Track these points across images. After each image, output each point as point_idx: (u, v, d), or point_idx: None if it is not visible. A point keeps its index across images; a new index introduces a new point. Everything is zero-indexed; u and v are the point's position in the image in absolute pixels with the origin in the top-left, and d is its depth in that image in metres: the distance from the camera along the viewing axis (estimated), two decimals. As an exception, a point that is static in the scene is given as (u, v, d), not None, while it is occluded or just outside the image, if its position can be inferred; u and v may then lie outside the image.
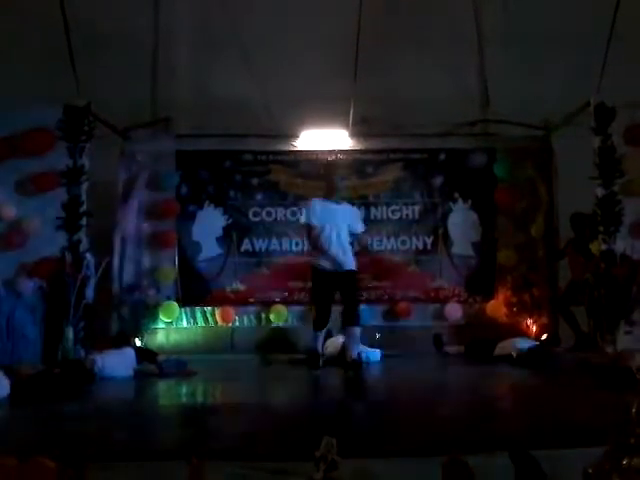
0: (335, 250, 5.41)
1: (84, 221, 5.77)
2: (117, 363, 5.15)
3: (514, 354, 5.51)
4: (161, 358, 5.59)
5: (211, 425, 3.12)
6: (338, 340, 5.78)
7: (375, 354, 5.88)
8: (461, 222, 7.15)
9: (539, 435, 2.38)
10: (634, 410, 1.72)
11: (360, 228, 5.77)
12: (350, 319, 5.40)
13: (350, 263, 5.50)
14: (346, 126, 7.05)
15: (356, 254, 5.72)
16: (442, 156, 7.20)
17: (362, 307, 6.03)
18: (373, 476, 2.09)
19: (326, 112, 6.81)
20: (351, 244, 5.59)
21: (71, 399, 3.88)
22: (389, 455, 2.24)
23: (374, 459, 2.19)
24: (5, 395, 3.80)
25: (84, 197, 5.79)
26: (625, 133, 5.94)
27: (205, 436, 2.61)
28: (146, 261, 6.99)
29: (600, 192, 5.86)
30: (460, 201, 7.17)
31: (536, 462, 1.73)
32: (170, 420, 3.52)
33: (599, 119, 5.92)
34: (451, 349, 6.33)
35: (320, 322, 5.48)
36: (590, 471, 1.76)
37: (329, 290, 5.47)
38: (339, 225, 5.49)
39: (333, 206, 5.58)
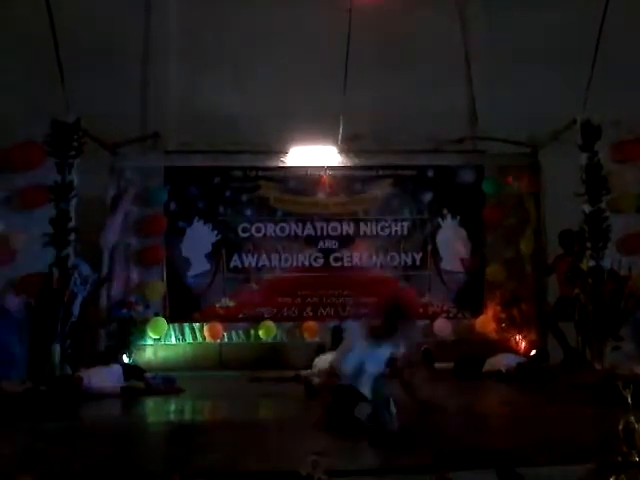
0: None
1: (72, 237, 5.71)
2: (104, 380, 5.11)
3: (503, 370, 5.52)
4: (148, 375, 5.55)
5: (197, 443, 3.09)
6: (327, 358, 5.73)
7: None
8: (450, 238, 7.20)
9: (525, 452, 2.38)
10: (621, 428, 1.72)
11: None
12: None
13: None
14: (335, 143, 7.07)
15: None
16: (431, 173, 7.26)
17: (352, 323, 5.98)
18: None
19: (315, 129, 6.84)
20: None
21: (57, 417, 3.83)
22: (378, 473, 2.23)
23: (362, 476, 2.17)
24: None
25: (72, 213, 5.74)
26: (611, 150, 6.00)
27: (191, 454, 2.57)
28: (134, 277, 6.95)
29: (587, 209, 5.91)
30: (449, 217, 7.22)
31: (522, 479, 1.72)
32: (156, 438, 3.49)
33: (585, 136, 5.98)
34: (440, 365, 6.29)
35: None
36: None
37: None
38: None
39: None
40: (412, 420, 3.00)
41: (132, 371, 5.62)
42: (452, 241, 7.19)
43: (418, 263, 7.16)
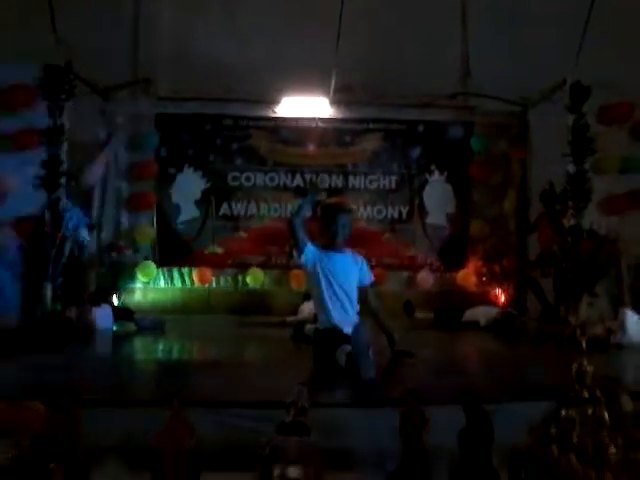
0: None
1: (63, 180, 5.78)
2: (95, 319, 5.26)
3: (481, 321, 5.75)
4: (138, 317, 5.71)
5: (187, 379, 3.28)
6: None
7: None
8: (436, 193, 7.32)
9: (493, 391, 2.59)
10: (574, 369, 1.91)
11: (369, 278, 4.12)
12: None
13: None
14: (327, 94, 7.08)
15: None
16: (421, 128, 7.32)
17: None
18: (339, 423, 2.27)
19: (308, 79, 6.81)
20: None
21: (52, 352, 4.00)
22: (354, 405, 2.44)
23: (340, 408, 2.37)
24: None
25: (64, 156, 5.79)
26: (599, 112, 6.10)
27: (185, 387, 2.75)
28: (125, 221, 7.05)
29: (571, 169, 6.04)
30: (436, 173, 7.33)
31: (486, 415, 1.91)
32: (147, 373, 3.68)
33: (574, 97, 6.05)
34: (421, 315, 6.52)
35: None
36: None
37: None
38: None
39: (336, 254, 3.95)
40: (387, 364, 3.19)
41: (122, 312, 5.78)
42: (439, 196, 7.32)
43: (404, 217, 7.31)
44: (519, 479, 1.85)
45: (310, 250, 3.73)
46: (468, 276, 7.18)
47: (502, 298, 7.03)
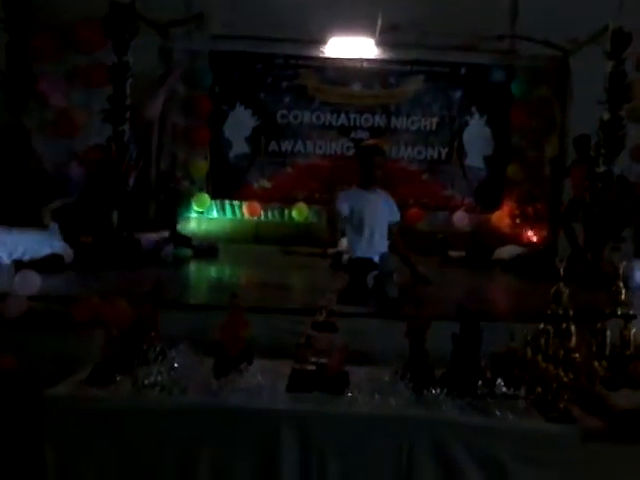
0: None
1: (127, 114, 6.30)
2: (158, 243, 5.88)
3: (506, 258, 6.13)
4: (194, 243, 6.33)
5: (244, 292, 3.85)
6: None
7: None
8: (476, 136, 7.58)
9: (489, 312, 3.06)
10: (552, 291, 2.36)
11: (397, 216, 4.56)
12: None
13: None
14: (374, 34, 7.29)
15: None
16: (463, 70, 7.52)
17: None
18: (363, 330, 2.80)
19: (355, 19, 7.01)
20: None
21: (126, 269, 4.64)
22: (375, 316, 2.98)
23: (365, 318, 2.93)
24: (70, 260, 4.56)
25: (128, 92, 6.28)
26: (637, 60, 6.18)
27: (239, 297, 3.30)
28: (181, 154, 7.58)
29: (606, 116, 6.20)
30: (476, 115, 7.56)
31: (476, 322, 2.38)
32: (208, 287, 4.28)
33: (615, 44, 6.13)
34: (454, 253, 6.91)
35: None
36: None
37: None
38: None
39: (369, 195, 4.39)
40: (407, 288, 3.68)
41: (180, 239, 6.40)
42: (478, 138, 7.58)
43: (443, 158, 7.62)
44: (498, 375, 2.34)
45: (344, 205, 4.21)
46: (502, 217, 7.52)
47: (534, 239, 7.35)
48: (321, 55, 7.56)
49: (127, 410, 2.18)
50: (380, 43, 7.41)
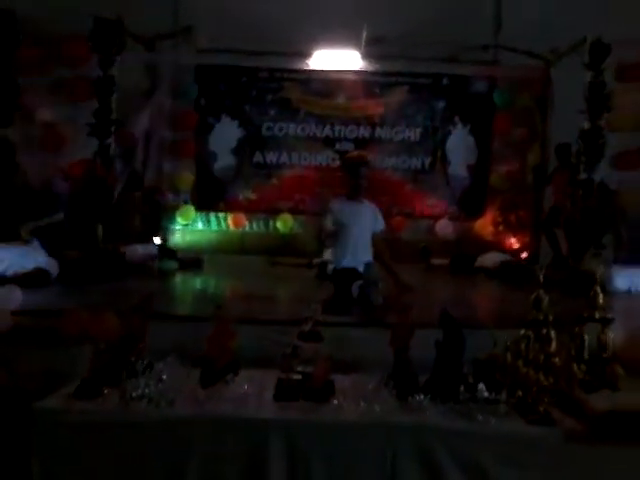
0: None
1: (113, 129, 6.32)
2: (143, 256, 5.90)
3: (488, 266, 6.21)
4: (179, 255, 6.34)
5: (229, 303, 3.88)
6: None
7: None
8: (459, 145, 7.70)
9: (472, 319, 3.11)
10: (532, 297, 2.41)
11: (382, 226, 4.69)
12: None
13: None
14: (358, 47, 7.38)
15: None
16: (445, 81, 7.64)
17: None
18: (347, 338, 2.84)
19: (340, 32, 7.10)
20: None
21: (111, 281, 4.65)
22: (359, 325, 3.04)
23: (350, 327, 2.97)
24: (55, 275, 4.56)
25: (114, 106, 6.30)
26: (617, 70, 6.33)
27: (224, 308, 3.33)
28: (167, 167, 7.60)
29: (586, 125, 6.32)
30: (459, 125, 7.68)
31: (459, 329, 2.43)
32: (193, 300, 4.31)
33: (593, 54, 6.27)
34: (437, 261, 6.99)
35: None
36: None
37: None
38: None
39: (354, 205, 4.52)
40: (390, 296, 3.73)
41: (165, 251, 6.42)
42: (461, 148, 7.69)
43: (427, 167, 7.72)
44: (480, 380, 2.39)
45: (330, 217, 4.27)
46: (485, 225, 7.62)
47: (516, 247, 7.45)
48: (305, 68, 7.64)
49: (115, 423, 2.20)
50: (365, 55, 7.51)
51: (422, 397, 2.32)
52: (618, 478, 2.20)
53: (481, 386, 2.37)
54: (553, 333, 2.39)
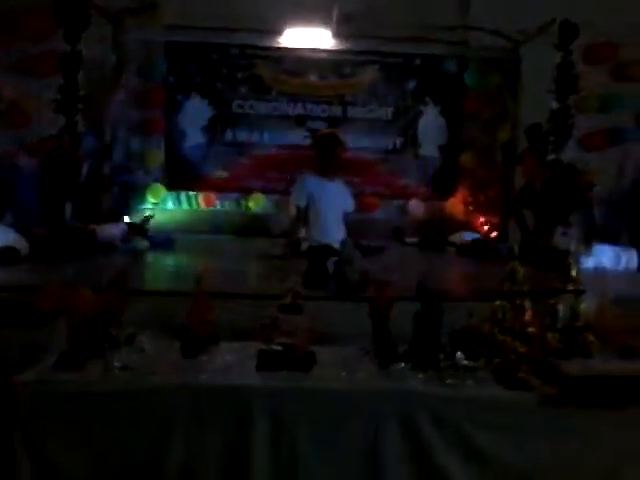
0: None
1: (81, 105, 6.19)
2: (112, 235, 5.81)
3: (458, 244, 6.33)
4: (150, 234, 6.26)
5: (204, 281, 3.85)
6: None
7: None
8: (430, 125, 7.75)
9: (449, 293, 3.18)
10: (507, 269, 2.48)
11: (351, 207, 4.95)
12: None
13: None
14: (329, 25, 7.35)
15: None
16: (417, 61, 7.66)
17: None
18: (326, 312, 2.86)
19: (311, 9, 7.06)
20: None
21: (82, 259, 4.58)
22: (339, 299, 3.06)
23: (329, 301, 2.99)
24: (25, 253, 4.47)
25: (81, 81, 6.17)
26: (585, 52, 6.45)
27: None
28: (135, 145, 7.48)
29: (555, 105, 6.45)
30: (431, 105, 7.72)
31: (437, 300, 2.47)
32: (167, 278, 4.28)
33: (562, 36, 6.39)
34: (409, 240, 7.07)
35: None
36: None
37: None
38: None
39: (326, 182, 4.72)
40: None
41: (136, 229, 6.33)
42: (432, 128, 7.75)
43: (398, 147, 7.76)
44: (458, 349, 2.45)
45: (299, 194, 4.25)
46: (456, 205, 7.72)
47: (486, 226, 7.57)
48: (277, 45, 7.57)
49: (99, 393, 2.18)
50: (336, 34, 7.48)
51: (403, 365, 2.37)
52: (589, 438, 2.28)
53: (459, 355, 2.43)
54: (527, 303, 2.46)
